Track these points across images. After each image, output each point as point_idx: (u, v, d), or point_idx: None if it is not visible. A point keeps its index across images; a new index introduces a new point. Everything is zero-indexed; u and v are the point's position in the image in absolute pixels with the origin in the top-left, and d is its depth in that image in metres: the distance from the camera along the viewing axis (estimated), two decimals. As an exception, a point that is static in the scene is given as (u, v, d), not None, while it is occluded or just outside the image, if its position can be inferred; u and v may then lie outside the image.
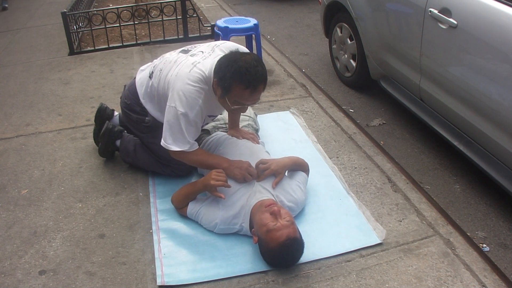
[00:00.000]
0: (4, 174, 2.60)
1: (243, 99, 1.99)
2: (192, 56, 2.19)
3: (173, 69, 2.14)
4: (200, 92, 2.05)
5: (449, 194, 2.69)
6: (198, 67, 2.09)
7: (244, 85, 1.93)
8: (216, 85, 2.02)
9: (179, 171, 2.49)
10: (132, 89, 2.42)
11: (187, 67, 2.10)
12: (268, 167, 2.17)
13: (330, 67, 4.28)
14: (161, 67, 2.26)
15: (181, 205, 2.22)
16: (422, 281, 1.90)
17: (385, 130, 3.34)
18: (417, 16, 2.79)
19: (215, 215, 2.09)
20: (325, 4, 4.01)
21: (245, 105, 2.06)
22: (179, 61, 2.18)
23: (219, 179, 2.06)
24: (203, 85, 2.06)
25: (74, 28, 4.41)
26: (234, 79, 1.93)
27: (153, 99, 2.33)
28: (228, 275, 1.93)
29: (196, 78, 2.05)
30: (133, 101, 2.41)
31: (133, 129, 2.51)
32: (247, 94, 1.96)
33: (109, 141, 2.58)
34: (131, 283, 1.91)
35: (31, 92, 3.58)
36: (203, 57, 2.16)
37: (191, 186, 2.22)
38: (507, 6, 2.25)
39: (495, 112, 2.36)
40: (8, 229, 2.20)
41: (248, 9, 6.17)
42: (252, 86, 1.94)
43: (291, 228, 1.89)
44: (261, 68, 1.97)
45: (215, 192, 2.08)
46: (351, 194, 2.40)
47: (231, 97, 1.99)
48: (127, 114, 2.47)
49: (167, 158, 2.43)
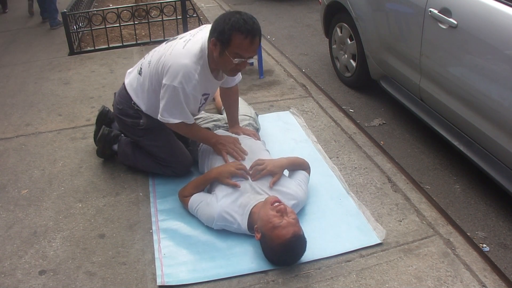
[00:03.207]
0: (4, 174, 2.60)
1: (243, 49, 2.05)
2: (181, 38, 2.27)
3: (166, 53, 2.21)
4: (195, 67, 2.12)
5: (449, 194, 2.69)
6: (190, 43, 2.17)
7: (244, 34, 2.00)
8: (213, 44, 2.07)
9: (179, 171, 2.49)
10: (123, 94, 2.45)
11: (179, 46, 2.18)
12: (265, 168, 2.19)
13: (330, 67, 4.28)
14: (149, 59, 2.33)
15: (187, 194, 2.24)
16: (422, 281, 1.90)
17: (385, 130, 3.34)
18: (417, 16, 2.79)
19: (213, 210, 2.09)
20: (325, 4, 4.01)
21: (245, 58, 2.10)
22: (169, 46, 2.26)
23: (240, 168, 2.16)
24: (199, 60, 2.14)
25: (74, 28, 4.41)
26: (234, 29, 2.00)
27: (146, 94, 2.35)
28: (228, 275, 1.93)
29: (191, 53, 2.13)
30: (125, 105, 2.43)
31: (130, 135, 2.52)
32: (247, 44, 2.03)
33: (105, 146, 2.58)
34: (131, 283, 1.91)
35: (31, 92, 3.58)
36: (192, 35, 2.25)
37: (203, 176, 2.27)
38: (507, 6, 2.25)
39: (495, 112, 2.36)
40: (8, 229, 2.20)
41: (248, 9, 6.17)
42: (251, 35, 2.02)
43: (296, 226, 1.90)
44: (255, 20, 2.07)
45: (227, 180, 2.12)
46: (351, 194, 2.40)
47: (232, 50, 2.04)
48: (121, 120, 2.47)
49: (166, 159, 2.45)
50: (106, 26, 4.35)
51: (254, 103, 3.31)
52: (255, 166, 2.20)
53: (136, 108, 2.39)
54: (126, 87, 2.43)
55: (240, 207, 2.08)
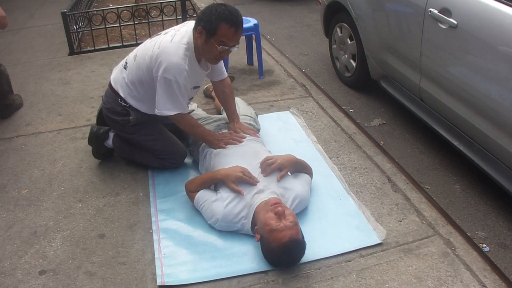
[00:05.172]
0: (4, 174, 2.60)
1: (228, 38, 2.19)
2: (166, 33, 2.36)
3: (154, 47, 2.29)
4: (184, 59, 2.23)
5: (449, 194, 2.69)
6: (177, 37, 2.28)
7: (230, 24, 2.15)
8: (199, 32, 2.20)
9: (176, 161, 2.57)
10: (108, 93, 2.51)
11: (167, 39, 2.28)
12: (275, 161, 2.22)
13: (330, 67, 4.28)
14: (135, 53, 2.43)
15: (193, 189, 2.25)
16: (422, 281, 1.90)
17: (385, 130, 3.34)
18: (417, 16, 2.79)
19: (218, 211, 2.10)
20: (325, 4, 4.01)
21: (229, 47, 2.23)
22: (155, 40, 2.34)
23: (246, 174, 2.16)
24: (186, 51, 2.25)
25: (74, 28, 4.41)
26: (220, 19, 2.15)
27: (133, 87, 2.39)
28: (228, 275, 1.93)
29: (178, 46, 2.23)
30: (112, 103, 2.46)
31: (122, 134, 2.55)
32: (232, 33, 2.18)
33: (98, 143, 2.60)
34: (131, 283, 1.91)
35: (31, 92, 3.58)
36: (177, 30, 2.35)
37: (210, 174, 2.27)
38: (507, 6, 2.25)
39: (495, 112, 2.36)
40: (8, 229, 2.20)
41: (248, 9, 6.17)
42: (235, 25, 2.17)
43: (294, 229, 1.89)
44: (239, 13, 2.22)
45: (232, 185, 2.12)
46: (351, 194, 2.40)
47: (218, 38, 2.18)
48: (112, 120, 2.50)
49: (161, 150, 2.51)
50: (106, 26, 4.35)
51: (254, 103, 3.31)
52: (265, 161, 2.23)
53: (123, 104, 2.43)
54: (111, 83, 2.49)
55: (245, 207, 2.09)
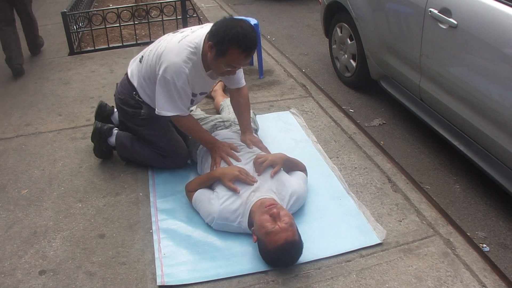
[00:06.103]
0: (4, 174, 2.60)
1: (237, 62, 2.12)
2: (182, 32, 2.33)
3: (163, 45, 2.26)
4: (186, 62, 2.17)
5: (449, 194, 2.69)
6: (187, 39, 2.22)
7: (241, 49, 2.06)
8: (210, 47, 2.11)
9: (178, 161, 2.55)
10: (124, 84, 2.50)
11: (177, 40, 2.24)
12: (266, 159, 2.23)
13: (330, 67, 4.28)
14: (151, 48, 2.39)
15: (191, 189, 2.27)
16: (422, 281, 1.90)
17: (385, 130, 3.34)
18: (417, 16, 2.79)
19: (214, 209, 2.10)
20: (325, 4, 4.01)
21: (236, 68, 2.20)
22: (169, 38, 2.32)
23: (244, 173, 2.16)
24: (191, 55, 2.19)
25: (74, 28, 4.41)
26: (232, 43, 2.04)
27: (145, 83, 2.38)
28: (228, 275, 1.93)
29: (184, 49, 2.18)
30: (127, 95, 2.47)
31: (130, 124, 2.54)
32: (242, 58, 2.10)
33: (101, 140, 2.59)
34: (131, 283, 1.91)
35: (31, 92, 3.58)
36: (192, 31, 2.29)
37: (207, 174, 2.29)
38: (507, 6, 2.25)
39: (495, 112, 2.36)
40: (8, 229, 2.20)
41: (248, 9, 6.17)
42: (248, 51, 2.08)
43: (289, 231, 1.88)
44: (255, 34, 2.11)
45: (229, 183, 2.12)
46: (351, 194, 2.40)
47: (226, 60, 2.10)
48: (123, 110, 2.51)
49: (165, 148, 2.49)
50: (106, 26, 4.35)
51: (254, 103, 3.31)
52: (256, 160, 2.23)
53: (137, 98, 2.43)
54: (128, 76, 2.48)
55: (241, 206, 2.09)
